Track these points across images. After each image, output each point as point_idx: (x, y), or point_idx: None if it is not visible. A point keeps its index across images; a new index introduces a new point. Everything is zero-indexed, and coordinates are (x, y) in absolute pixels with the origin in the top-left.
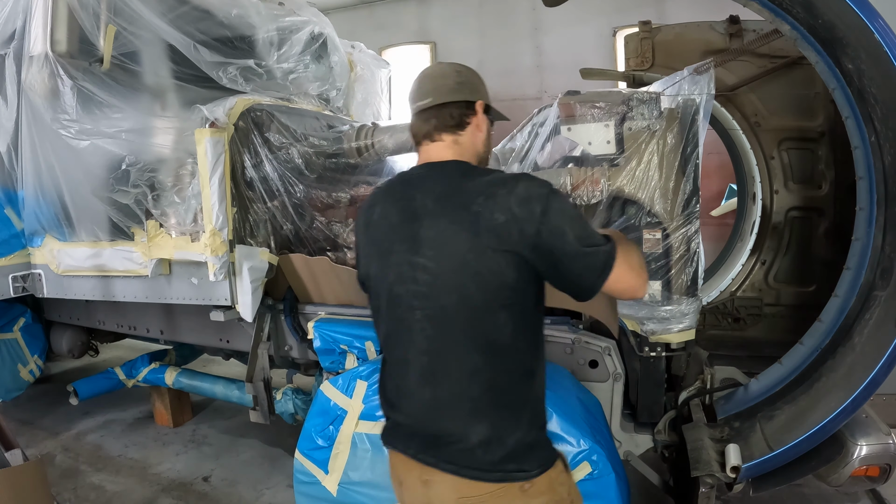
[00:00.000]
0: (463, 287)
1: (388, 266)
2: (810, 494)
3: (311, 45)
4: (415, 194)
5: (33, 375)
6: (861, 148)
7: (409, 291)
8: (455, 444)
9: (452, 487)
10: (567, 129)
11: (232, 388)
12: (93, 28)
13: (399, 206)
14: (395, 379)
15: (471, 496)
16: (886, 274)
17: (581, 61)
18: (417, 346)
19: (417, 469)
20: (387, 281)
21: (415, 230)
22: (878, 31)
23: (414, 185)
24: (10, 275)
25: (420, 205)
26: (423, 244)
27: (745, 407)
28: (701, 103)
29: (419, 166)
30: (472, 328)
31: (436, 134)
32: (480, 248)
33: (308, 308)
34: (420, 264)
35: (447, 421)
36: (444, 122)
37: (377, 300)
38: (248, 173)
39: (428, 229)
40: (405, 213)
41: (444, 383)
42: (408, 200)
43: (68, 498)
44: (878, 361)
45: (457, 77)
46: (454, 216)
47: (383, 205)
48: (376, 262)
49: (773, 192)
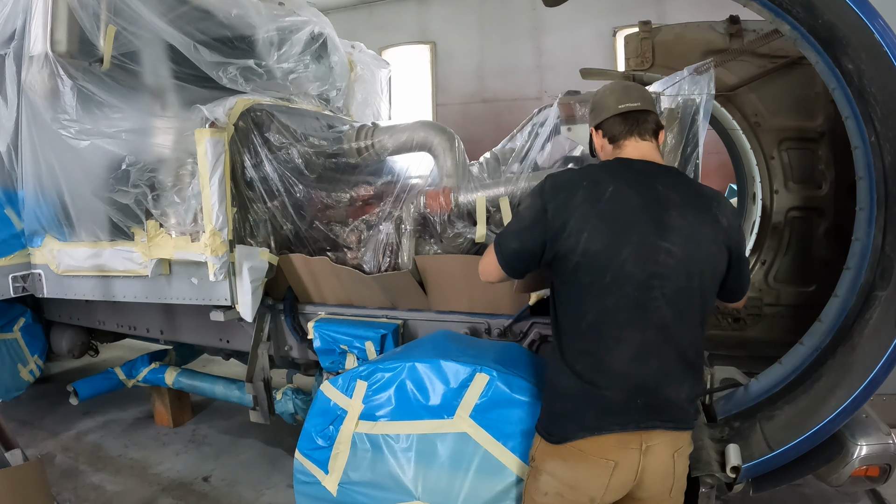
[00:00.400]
0: (702, 273)
1: (623, 244)
2: (810, 494)
3: (311, 45)
4: (655, 184)
5: (33, 375)
6: (861, 148)
7: (648, 271)
8: (673, 404)
9: (671, 443)
10: (567, 129)
11: (232, 388)
12: (93, 28)
13: (637, 190)
14: (610, 356)
15: (680, 447)
16: (886, 274)
17: (581, 61)
18: (651, 321)
19: (637, 440)
20: (619, 258)
21: (661, 217)
22: (878, 31)
23: (650, 176)
24: (10, 275)
25: (664, 195)
26: (671, 231)
27: (745, 407)
28: (701, 103)
29: (642, 161)
30: (701, 306)
31: (646, 134)
32: (718, 242)
33: (308, 308)
34: (664, 248)
35: (671, 385)
36: (650, 126)
37: (594, 275)
38: (248, 173)
39: (677, 219)
40: (648, 199)
41: (671, 353)
42: (649, 188)
43: (68, 498)
44: (878, 361)
45: (650, 94)
46: (700, 213)
47: (616, 185)
48: (606, 238)
49: (773, 192)
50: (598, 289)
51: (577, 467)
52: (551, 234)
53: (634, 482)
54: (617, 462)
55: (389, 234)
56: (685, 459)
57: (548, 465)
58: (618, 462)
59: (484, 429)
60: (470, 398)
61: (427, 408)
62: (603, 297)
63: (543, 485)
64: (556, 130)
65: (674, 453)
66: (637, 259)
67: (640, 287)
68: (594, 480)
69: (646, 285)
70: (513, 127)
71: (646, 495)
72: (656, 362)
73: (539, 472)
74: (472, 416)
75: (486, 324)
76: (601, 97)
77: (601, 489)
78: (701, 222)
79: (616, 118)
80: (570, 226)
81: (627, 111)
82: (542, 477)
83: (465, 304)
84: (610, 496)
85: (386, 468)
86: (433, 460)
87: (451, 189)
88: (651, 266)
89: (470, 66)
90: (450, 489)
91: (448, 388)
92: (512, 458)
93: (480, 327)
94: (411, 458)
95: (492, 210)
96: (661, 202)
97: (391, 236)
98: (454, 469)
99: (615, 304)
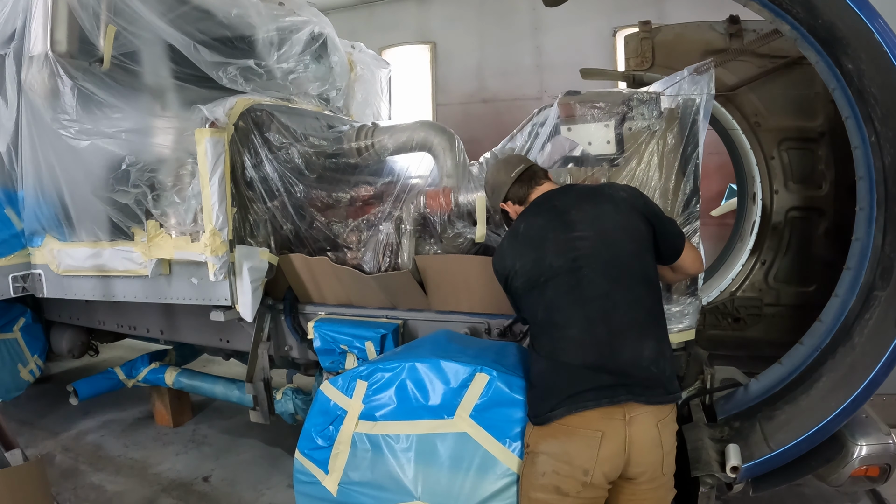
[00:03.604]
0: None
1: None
2: (810, 494)
3: (311, 45)
4: (552, 202)
5: (33, 375)
6: (861, 148)
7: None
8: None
9: (653, 413)
10: (567, 129)
11: (232, 388)
12: (93, 28)
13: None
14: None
15: (662, 418)
16: (886, 274)
17: (581, 61)
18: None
19: (619, 412)
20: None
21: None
22: (878, 31)
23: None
24: (10, 275)
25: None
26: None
27: (745, 407)
28: (701, 103)
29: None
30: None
31: (540, 180)
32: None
33: (308, 308)
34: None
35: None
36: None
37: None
38: (248, 173)
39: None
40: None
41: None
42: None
43: (68, 498)
44: (878, 361)
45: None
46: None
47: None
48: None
49: (773, 192)
50: (540, 289)
51: (568, 441)
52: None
53: (624, 455)
54: (603, 432)
55: (389, 234)
56: (671, 432)
57: (541, 445)
58: (604, 432)
59: (484, 429)
60: (470, 398)
61: (427, 408)
62: (545, 292)
63: (540, 465)
64: (556, 130)
65: (657, 423)
66: (557, 253)
67: (570, 272)
68: (585, 452)
69: (573, 269)
70: (513, 127)
71: (638, 471)
72: (605, 327)
73: (535, 455)
74: (473, 416)
75: (486, 324)
76: (492, 178)
77: (592, 460)
78: (599, 204)
79: (514, 185)
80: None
81: (518, 175)
82: (538, 459)
83: (465, 304)
84: (601, 468)
85: (386, 468)
86: (433, 460)
87: (451, 189)
88: (571, 253)
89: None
90: (450, 489)
91: (448, 388)
92: (512, 458)
93: (480, 327)
94: (411, 458)
95: (492, 210)
96: (560, 210)
97: (391, 236)
98: (454, 469)
99: (554, 293)
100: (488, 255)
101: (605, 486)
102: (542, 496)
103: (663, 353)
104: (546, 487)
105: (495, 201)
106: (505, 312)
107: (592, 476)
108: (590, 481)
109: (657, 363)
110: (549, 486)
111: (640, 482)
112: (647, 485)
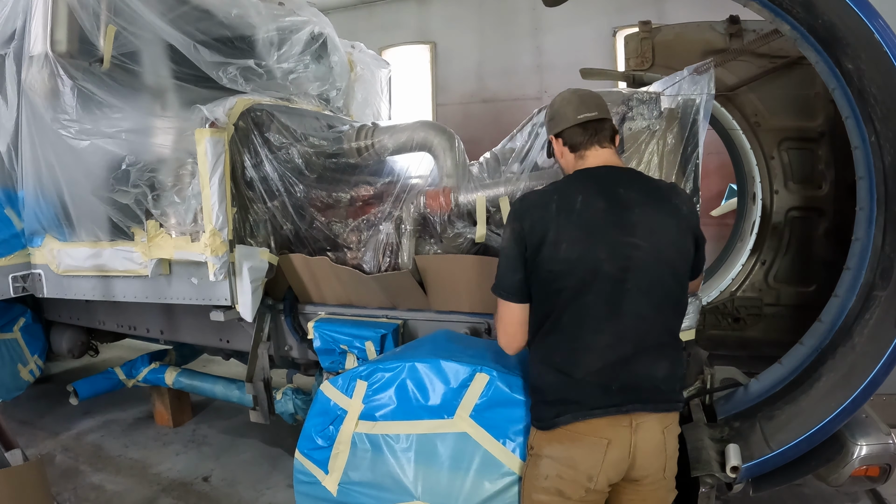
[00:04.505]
0: (672, 260)
1: (597, 247)
2: (810, 494)
3: (311, 45)
4: (617, 188)
5: (33, 375)
6: (861, 148)
7: (621, 267)
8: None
9: (659, 420)
10: None
11: (232, 388)
12: (93, 28)
13: (602, 196)
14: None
15: (668, 424)
16: (886, 274)
17: (581, 61)
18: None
19: (626, 419)
20: (595, 261)
21: (625, 217)
22: (878, 31)
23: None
24: (10, 275)
25: (626, 197)
26: (636, 227)
27: (745, 407)
28: (701, 103)
29: (604, 167)
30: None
31: (605, 141)
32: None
33: (308, 308)
34: (632, 244)
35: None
36: (608, 134)
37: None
38: (248, 173)
39: (640, 216)
40: (612, 203)
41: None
42: (612, 193)
43: (68, 498)
44: (878, 361)
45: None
46: (660, 206)
47: (584, 195)
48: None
49: (773, 192)
50: (578, 289)
51: (573, 447)
52: (531, 248)
53: (629, 460)
54: (610, 440)
55: (389, 234)
56: (675, 437)
57: (545, 449)
58: (611, 439)
59: (484, 429)
60: (470, 398)
61: (427, 408)
62: (581, 295)
63: (543, 468)
64: None
65: (663, 429)
66: (610, 257)
67: (615, 282)
68: (590, 458)
69: (620, 279)
70: (513, 127)
71: (641, 474)
72: (631, 348)
73: (538, 457)
74: (472, 416)
75: (486, 324)
76: (559, 107)
77: (597, 466)
78: (663, 214)
79: (576, 128)
80: (549, 238)
81: (586, 121)
82: (541, 462)
83: (465, 304)
84: (606, 474)
85: (386, 468)
86: (433, 460)
87: (451, 189)
88: (623, 262)
89: (470, 66)
90: (450, 489)
91: (448, 388)
92: (512, 458)
93: (480, 327)
94: (411, 458)
95: (492, 210)
96: (624, 203)
97: (391, 236)
98: (454, 469)
99: (594, 300)
100: (488, 256)
101: (606, 490)
102: (544, 498)
103: (675, 372)
104: (549, 490)
105: (549, 129)
106: None
107: (597, 482)
108: (594, 487)
109: (667, 381)
110: (552, 489)
111: (642, 484)
112: (649, 486)
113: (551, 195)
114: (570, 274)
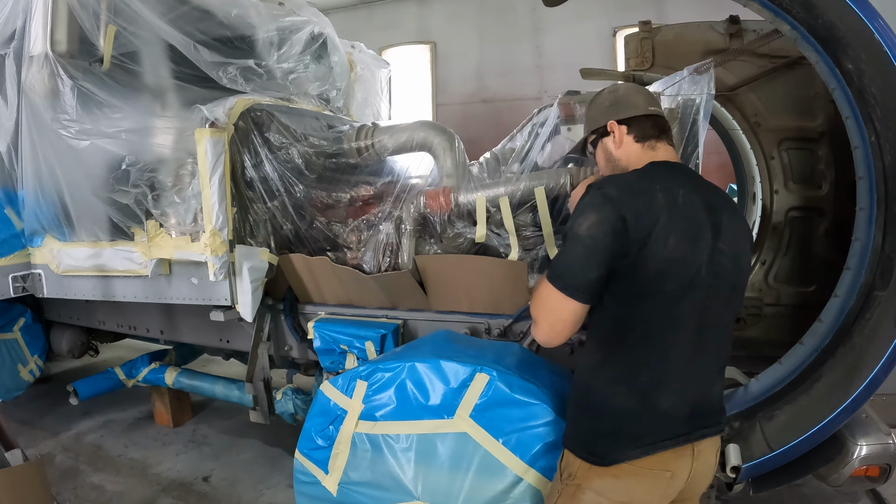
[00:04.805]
0: (743, 270)
1: (698, 249)
2: (810, 494)
3: (311, 45)
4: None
5: (33, 375)
6: (861, 148)
7: (712, 274)
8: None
9: (714, 444)
10: (567, 129)
11: (232, 388)
12: (93, 28)
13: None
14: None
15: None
16: (886, 274)
17: (581, 61)
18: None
19: (689, 448)
20: (696, 264)
21: (717, 219)
22: (878, 31)
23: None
24: (10, 275)
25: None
26: (723, 232)
27: (745, 407)
28: (701, 103)
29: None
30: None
31: (666, 138)
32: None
33: (308, 308)
34: (720, 249)
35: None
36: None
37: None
38: (248, 173)
39: (725, 219)
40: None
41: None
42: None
43: (68, 498)
44: (878, 361)
45: None
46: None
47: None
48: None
49: (773, 192)
50: (676, 294)
51: (634, 483)
52: (636, 242)
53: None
54: (673, 472)
55: (389, 234)
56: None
57: (595, 482)
58: (674, 472)
59: (484, 429)
60: (470, 398)
61: (427, 408)
62: (676, 303)
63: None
64: (556, 130)
65: (715, 451)
66: (709, 262)
67: (705, 289)
68: (651, 493)
69: (710, 286)
70: (513, 127)
71: (684, 497)
72: (706, 364)
73: (581, 489)
74: (472, 416)
75: (486, 324)
76: (627, 94)
77: (658, 501)
78: (739, 222)
79: (646, 119)
80: (655, 232)
81: (656, 115)
82: (585, 496)
83: (465, 304)
84: None
85: (386, 468)
86: (433, 460)
87: (451, 189)
88: (715, 267)
89: (470, 66)
90: (450, 489)
91: (448, 388)
92: (512, 458)
93: (480, 327)
94: (411, 458)
95: (492, 210)
96: (712, 205)
97: (391, 236)
98: (454, 469)
99: (689, 309)
100: (488, 255)
101: None
102: None
103: (722, 391)
104: None
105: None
106: (505, 312)
107: None
108: None
109: (721, 400)
110: None
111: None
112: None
113: (652, 184)
114: (670, 275)
